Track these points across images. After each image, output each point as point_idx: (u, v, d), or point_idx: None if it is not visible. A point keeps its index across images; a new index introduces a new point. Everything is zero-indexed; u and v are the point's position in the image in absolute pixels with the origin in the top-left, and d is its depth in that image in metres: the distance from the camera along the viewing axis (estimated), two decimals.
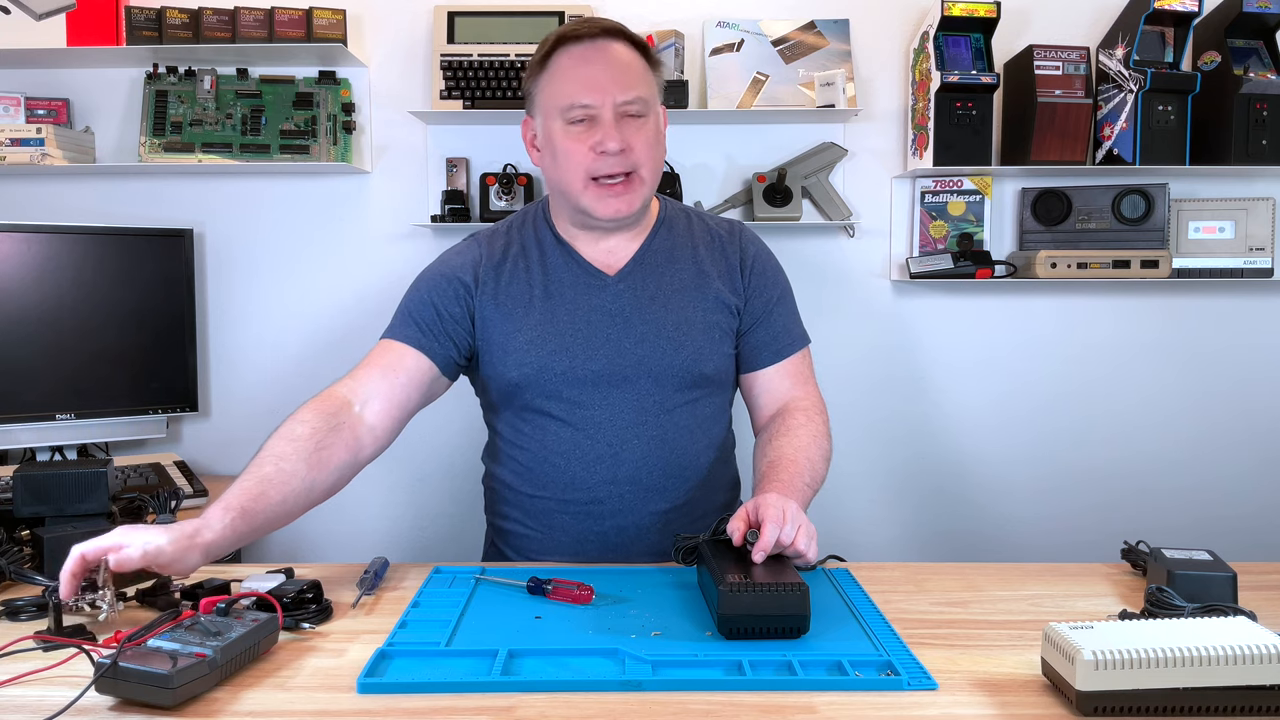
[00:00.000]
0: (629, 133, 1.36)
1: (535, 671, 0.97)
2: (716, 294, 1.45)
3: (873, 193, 2.38)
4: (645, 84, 1.38)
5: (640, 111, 1.36)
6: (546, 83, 1.38)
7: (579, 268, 1.44)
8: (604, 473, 1.41)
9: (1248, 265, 2.30)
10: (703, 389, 1.45)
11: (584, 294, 1.43)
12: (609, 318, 1.42)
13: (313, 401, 1.34)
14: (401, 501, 2.44)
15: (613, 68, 1.36)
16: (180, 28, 2.21)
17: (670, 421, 1.43)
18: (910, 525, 2.45)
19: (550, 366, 1.40)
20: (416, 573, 1.31)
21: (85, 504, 1.34)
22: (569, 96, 1.35)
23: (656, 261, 1.46)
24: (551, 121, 1.38)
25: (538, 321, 1.42)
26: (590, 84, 1.34)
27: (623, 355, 1.41)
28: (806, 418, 1.44)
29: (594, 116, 1.35)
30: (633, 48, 1.39)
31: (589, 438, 1.41)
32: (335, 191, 2.39)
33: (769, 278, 1.50)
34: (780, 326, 1.49)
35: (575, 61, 1.36)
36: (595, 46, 1.36)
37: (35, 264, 2.10)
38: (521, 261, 1.46)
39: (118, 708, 0.90)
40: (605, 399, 1.41)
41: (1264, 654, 0.86)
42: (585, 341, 1.41)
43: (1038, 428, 2.42)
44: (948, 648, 1.05)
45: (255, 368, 2.41)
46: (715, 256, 1.48)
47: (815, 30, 2.33)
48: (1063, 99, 2.15)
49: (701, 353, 1.43)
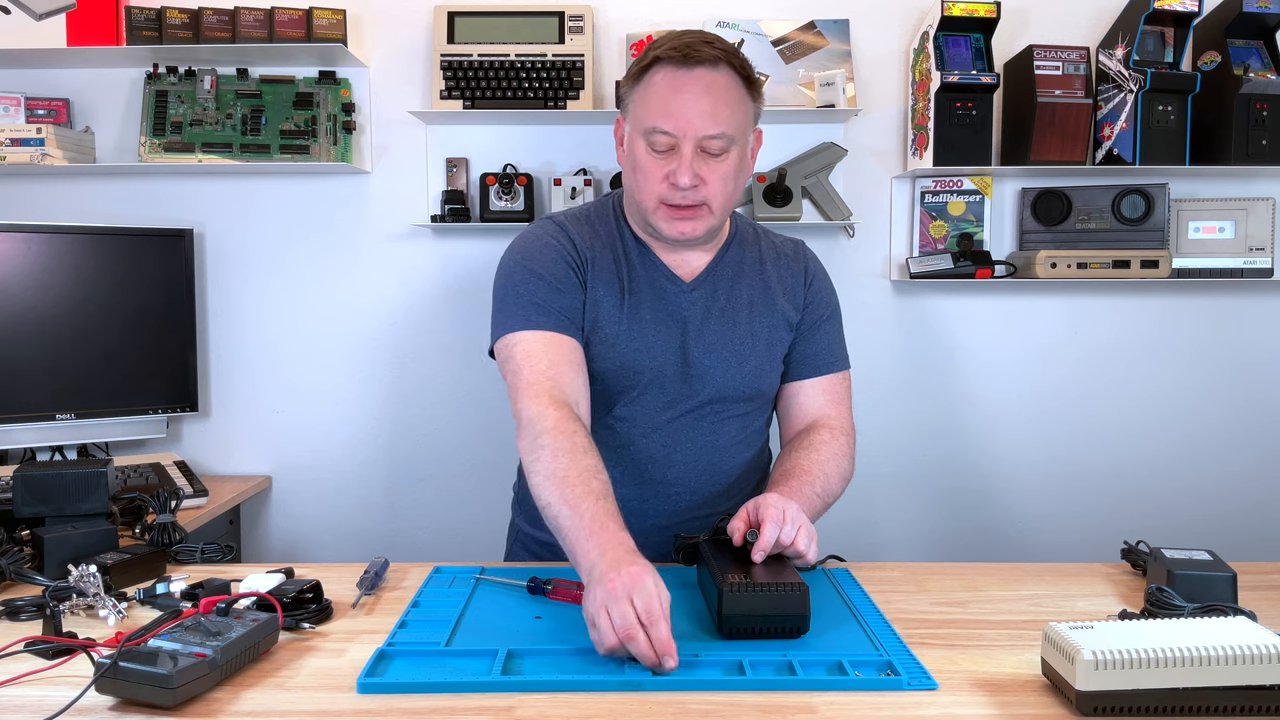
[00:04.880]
0: (706, 168, 1.33)
1: (535, 671, 0.98)
2: (781, 311, 1.46)
3: (873, 193, 2.38)
4: (735, 117, 1.33)
5: (722, 148, 1.32)
6: (639, 96, 1.35)
7: (657, 270, 1.44)
8: (654, 472, 1.43)
9: (1248, 265, 2.30)
10: (754, 403, 1.47)
11: (662, 297, 1.43)
12: (682, 324, 1.43)
13: (553, 412, 1.26)
14: (401, 501, 2.44)
15: (703, 100, 1.30)
16: (180, 28, 2.21)
17: (723, 430, 1.45)
18: (909, 525, 2.45)
19: (631, 363, 1.40)
20: (416, 573, 1.31)
21: (85, 504, 1.34)
22: (653, 119, 1.32)
23: (728, 274, 1.47)
24: (636, 136, 1.36)
25: (627, 316, 1.42)
26: (677, 113, 1.30)
27: (690, 364, 1.42)
28: (831, 435, 1.44)
29: (674, 146, 1.32)
30: (734, 74, 1.33)
31: (645, 436, 1.42)
32: (335, 191, 2.39)
33: (824, 296, 1.52)
34: (825, 343, 1.50)
35: (668, 85, 1.32)
36: (692, 75, 1.31)
37: (35, 264, 2.10)
38: (609, 253, 1.44)
39: (118, 708, 0.90)
40: (669, 401, 1.42)
41: (1264, 654, 0.86)
42: (663, 343, 1.41)
43: (1037, 428, 2.42)
44: (948, 648, 1.05)
45: (255, 368, 2.41)
46: (782, 273, 1.49)
47: (815, 30, 2.33)
48: (1063, 99, 2.15)
49: (762, 369, 1.45)
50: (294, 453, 2.43)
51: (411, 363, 2.41)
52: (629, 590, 0.97)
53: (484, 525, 2.06)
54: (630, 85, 1.37)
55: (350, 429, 2.43)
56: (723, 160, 1.34)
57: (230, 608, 1.02)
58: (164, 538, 1.45)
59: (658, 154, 1.33)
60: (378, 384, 2.42)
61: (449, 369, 2.40)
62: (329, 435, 2.43)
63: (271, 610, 1.07)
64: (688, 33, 1.36)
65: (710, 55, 1.31)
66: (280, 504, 2.44)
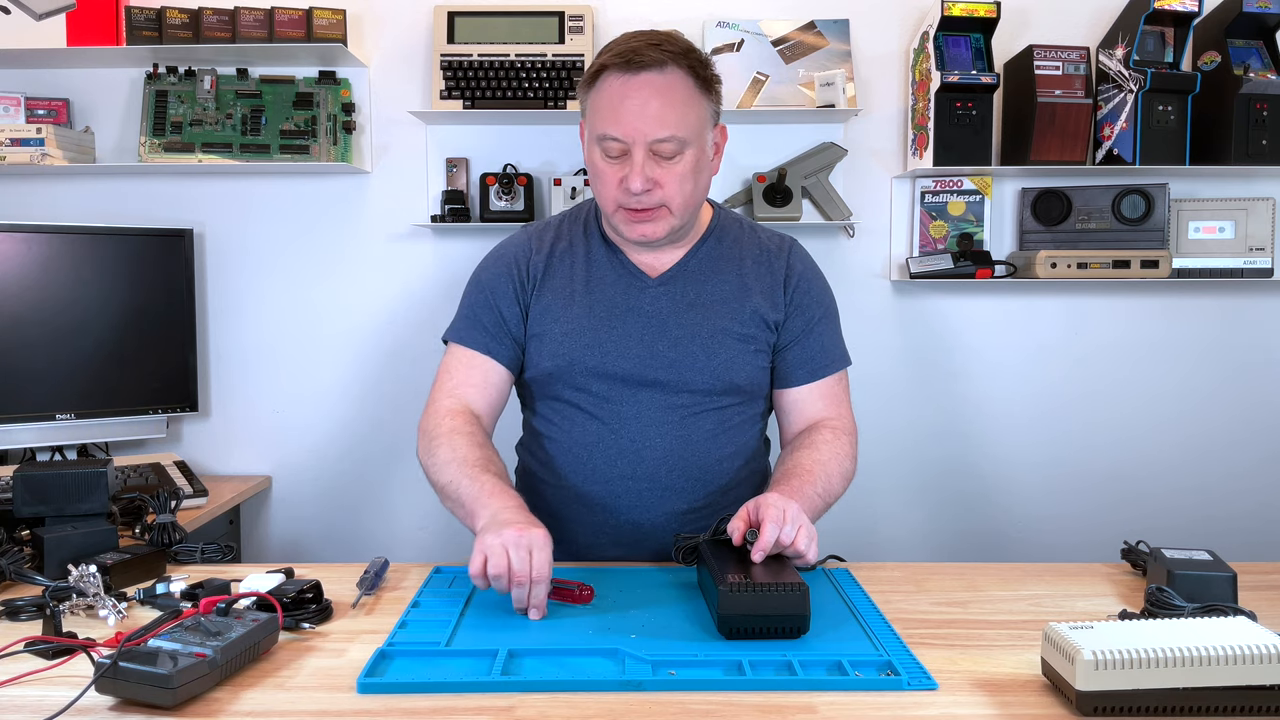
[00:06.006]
0: (660, 171, 1.34)
1: (535, 671, 0.98)
2: (755, 308, 1.46)
3: (873, 193, 2.38)
4: (687, 118, 1.33)
5: (675, 150, 1.33)
6: (591, 103, 1.37)
7: (622, 268, 1.46)
8: (624, 468, 1.43)
9: (1248, 265, 2.30)
10: (733, 397, 1.46)
11: (623, 293, 1.45)
12: (645, 319, 1.44)
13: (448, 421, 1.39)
14: (401, 501, 2.44)
15: (652, 104, 1.31)
16: (180, 28, 2.21)
17: (695, 425, 1.44)
18: (909, 525, 2.45)
19: (581, 360, 1.42)
20: (416, 573, 1.31)
21: (85, 504, 1.34)
22: (604, 126, 1.33)
23: (700, 270, 1.47)
24: (591, 142, 1.37)
25: (576, 315, 1.43)
26: (624, 120, 1.31)
27: (655, 357, 1.42)
28: (833, 435, 1.44)
29: (626, 151, 1.33)
30: (684, 73, 1.33)
31: (613, 432, 1.43)
32: (335, 191, 2.39)
33: (813, 296, 1.50)
34: (819, 346, 1.49)
35: (616, 91, 1.32)
36: (638, 79, 1.31)
37: (35, 264, 2.10)
38: (568, 257, 1.47)
39: (118, 708, 0.90)
40: (634, 397, 1.42)
41: (1264, 654, 0.86)
42: (620, 339, 1.42)
43: (1037, 428, 2.42)
44: (948, 648, 1.05)
45: (255, 368, 2.41)
46: (760, 271, 1.48)
47: (815, 30, 2.33)
48: (1063, 99, 2.15)
49: (733, 363, 1.44)
50: (294, 453, 2.43)
51: (411, 363, 2.41)
52: (531, 544, 1.11)
53: None
54: (584, 92, 1.39)
55: (350, 429, 2.43)
56: (677, 162, 1.34)
57: (230, 608, 1.02)
58: (164, 538, 1.45)
59: (611, 159, 1.35)
60: (378, 384, 2.42)
61: None
62: (329, 435, 2.43)
63: (271, 610, 1.07)
64: (638, 34, 1.36)
65: (656, 59, 1.31)
66: (280, 504, 2.44)
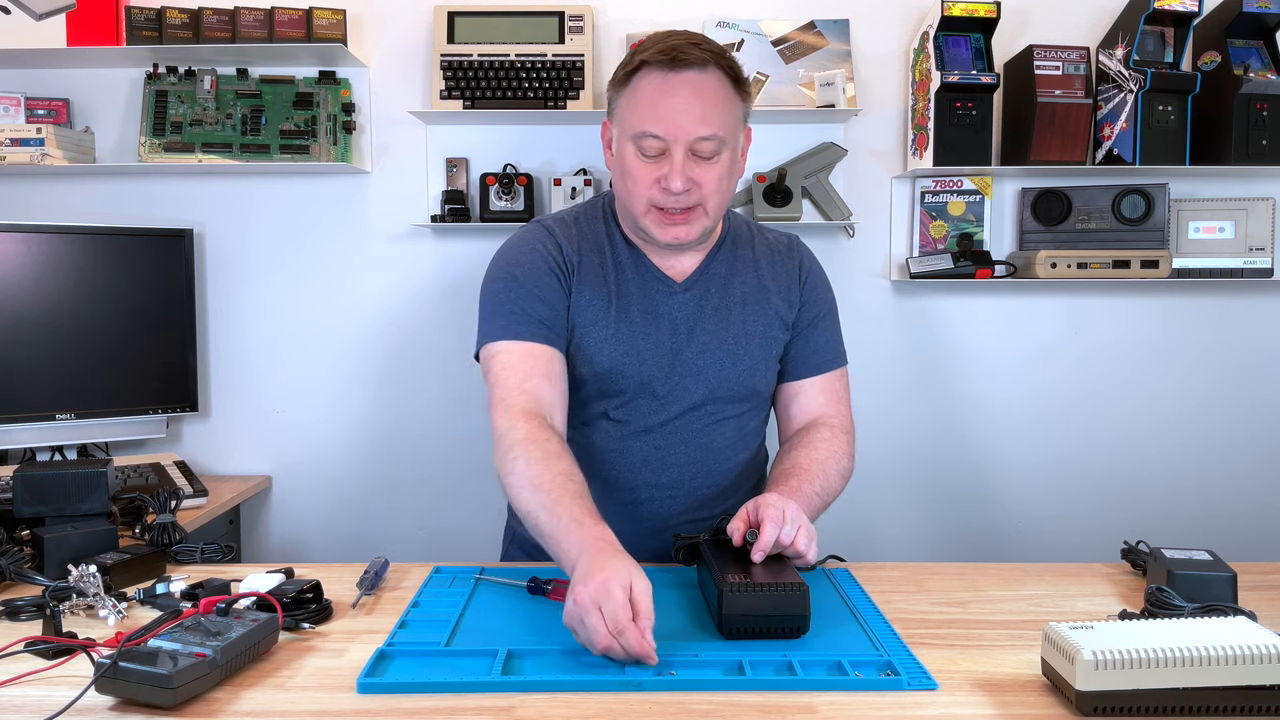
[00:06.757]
0: (699, 171, 1.31)
1: (535, 671, 0.98)
2: (775, 309, 1.46)
3: (873, 193, 2.38)
4: (725, 119, 1.31)
5: (714, 150, 1.31)
6: (626, 100, 1.34)
7: (647, 272, 1.44)
8: (648, 475, 1.42)
9: (1248, 265, 2.30)
10: (750, 402, 1.46)
11: (653, 299, 1.43)
12: (674, 325, 1.42)
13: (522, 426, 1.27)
14: (401, 501, 2.44)
15: (694, 103, 1.29)
16: (180, 28, 2.21)
17: (718, 431, 1.44)
18: (909, 525, 2.45)
19: (619, 368, 1.40)
20: (416, 573, 1.31)
21: (85, 504, 1.34)
22: (643, 124, 1.30)
23: (720, 273, 1.46)
24: (624, 140, 1.34)
25: (613, 320, 1.41)
26: (666, 117, 1.29)
27: (683, 364, 1.41)
28: (831, 433, 1.44)
29: (665, 150, 1.31)
30: (722, 75, 1.32)
31: (638, 439, 1.42)
32: (335, 191, 2.39)
33: (819, 293, 1.51)
34: (823, 341, 1.49)
35: (656, 89, 1.30)
36: (680, 78, 1.29)
37: (35, 264, 2.10)
38: (595, 257, 1.43)
39: (118, 708, 0.90)
40: (661, 404, 1.41)
41: (1264, 654, 0.86)
42: (653, 346, 1.41)
43: (1037, 428, 2.42)
44: (948, 648, 1.05)
45: (255, 368, 2.41)
46: (775, 270, 1.48)
47: (815, 30, 2.33)
48: (1063, 99, 2.15)
49: (756, 368, 1.44)
50: (294, 453, 2.43)
51: (411, 362, 2.41)
52: (597, 601, 0.98)
53: (484, 525, 2.05)
54: (617, 89, 1.36)
55: (350, 429, 2.43)
56: (715, 162, 1.33)
57: (230, 608, 1.02)
58: (164, 538, 1.45)
59: (648, 158, 1.33)
60: (377, 384, 2.42)
61: (449, 368, 2.40)
62: (329, 435, 2.43)
63: (271, 610, 1.07)
64: (675, 34, 1.34)
65: (698, 57, 1.30)
66: (280, 504, 2.44)
